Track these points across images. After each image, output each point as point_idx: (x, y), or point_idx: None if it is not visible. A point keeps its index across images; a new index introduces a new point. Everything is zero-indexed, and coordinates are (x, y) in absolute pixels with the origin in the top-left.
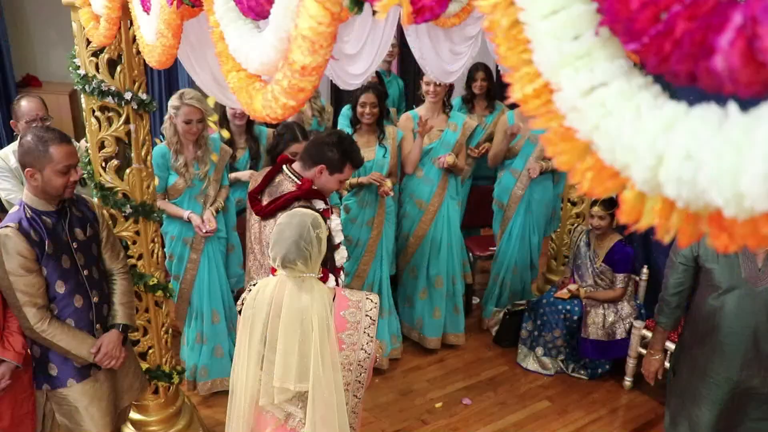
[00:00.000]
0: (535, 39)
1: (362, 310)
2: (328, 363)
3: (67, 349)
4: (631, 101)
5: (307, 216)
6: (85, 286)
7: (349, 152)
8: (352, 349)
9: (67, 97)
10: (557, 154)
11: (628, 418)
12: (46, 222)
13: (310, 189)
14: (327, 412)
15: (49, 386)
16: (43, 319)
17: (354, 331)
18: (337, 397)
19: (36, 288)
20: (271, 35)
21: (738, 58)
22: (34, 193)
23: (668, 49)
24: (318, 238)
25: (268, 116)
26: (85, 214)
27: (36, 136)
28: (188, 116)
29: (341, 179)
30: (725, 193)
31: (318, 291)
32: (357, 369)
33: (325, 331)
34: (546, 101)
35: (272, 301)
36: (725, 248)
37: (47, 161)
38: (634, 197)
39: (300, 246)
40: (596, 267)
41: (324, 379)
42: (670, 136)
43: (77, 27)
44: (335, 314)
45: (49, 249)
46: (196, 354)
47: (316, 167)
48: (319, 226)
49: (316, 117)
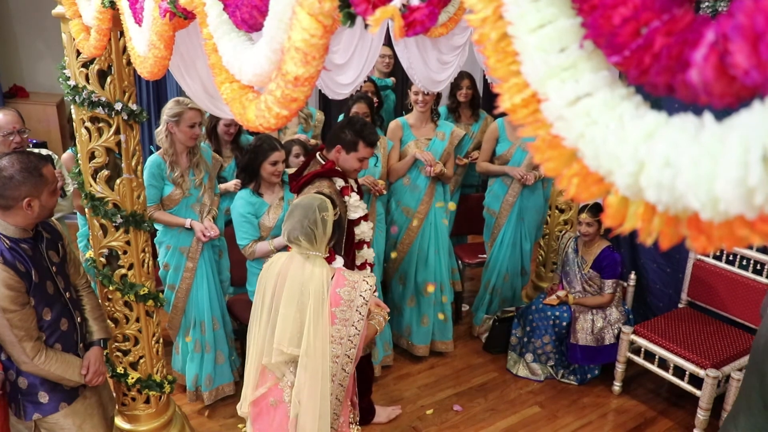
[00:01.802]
0: (523, 51)
1: (357, 290)
2: (319, 333)
3: (61, 376)
4: (615, 111)
5: (315, 199)
6: (69, 309)
7: (360, 131)
8: (343, 325)
9: (54, 107)
10: (545, 161)
11: (618, 423)
12: (25, 250)
13: (332, 168)
14: (313, 378)
15: (40, 414)
16: (40, 352)
17: (347, 308)
18: (323, 366)
19: (30, 321)
20: (265, 47)
21: (711, 72)
22: (14, 222)
23: (648, 62)
24: (323, 220)
25: (261, 125)
26: (53, 235)
27: (25, 166)
28: (193, 120)
29: (359, 158)
30: (701, 198)
31: (318, 267)
32: (347, 344)
33: (319, 305)
34: (534, 111)
35: (280, 272)
36: (703, 249)
37: (44, 185)
38: (618, 202)
39: (304, 225)
40: (584, 273)
41: (314, 347)
42: (650, 144)
43: (67, 38)
44: (331, 291)
45: (35, 278)
46: (196, 364)
47: (334, 149)
48: (326, 210)
49: (302, 124)
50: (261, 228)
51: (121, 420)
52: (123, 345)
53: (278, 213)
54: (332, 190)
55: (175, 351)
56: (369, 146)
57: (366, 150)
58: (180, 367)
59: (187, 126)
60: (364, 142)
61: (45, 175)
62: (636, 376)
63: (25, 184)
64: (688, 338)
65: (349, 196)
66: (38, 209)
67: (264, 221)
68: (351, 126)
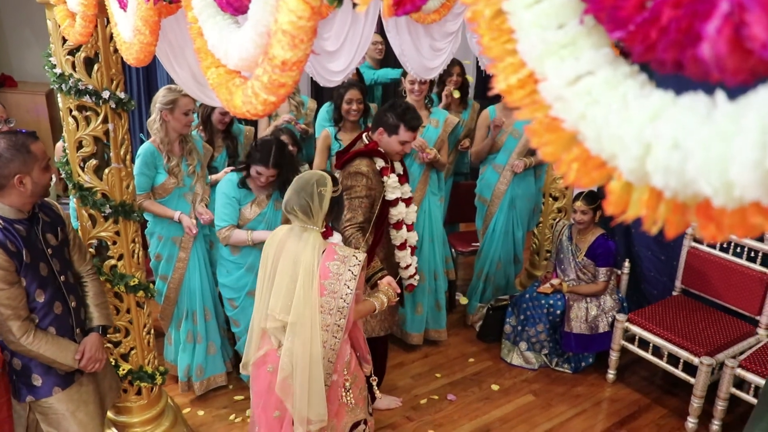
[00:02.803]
0: (519, 28)
1: (346, 264)
2: (308, 302)
3: (52, 358)
4: (618, 90)
5: (315, 174)
6: (63, 292)
7: (401, 115)
8: (332, 296)
9: (44, 97)
10: (543, 145)
11: (612, 411)
12: (19, 230)
13: (373, 149)
14: (303, 344)
15: (33, 397)
16: (28, 332)
17: (335, 281)
18: (312, 332)
19: (18, 300)
20: (251, 30)
21: (725, 46)
22: (9, 202)
23: (654, 37)
24: (320, 195)
25: (248, 112)
26: (53, 218)
27: (11, 142)
28: (188, 106)
29: (400, 141)
30: (714, 183)
31: (312, 241)
32: (336, 314)
33: (309, 276)
34: (531, 91)
35: (279, 242)
36: (713, 238)
37: (33, 161)
38: (621, 187)
39: (300, 196)
40: (578, 261)
41: (302, 316)
42: (657, 125)
43: (52, 25)
44: (321, 263)
45: (26, 258)
46: (188, 354)
47: (377, 131)
48: (324, 185)
49: (293, 111)
50: (240, 217)
51: (113, 412)
52: (114, 336)
53: (261, 208)
54: (370, 169)
55: (168, 342)
56: (410, 130)
57: (407, 134)
58: (172, 358)
59: (182, 113)
60: (405, 126)
61: (34, 152)
62: (630, 364)
63: (13, 161)
64: (682, 326)
65: (388, 177)
66: (31, 186)
67: (245, 212)
68: (393, 110)
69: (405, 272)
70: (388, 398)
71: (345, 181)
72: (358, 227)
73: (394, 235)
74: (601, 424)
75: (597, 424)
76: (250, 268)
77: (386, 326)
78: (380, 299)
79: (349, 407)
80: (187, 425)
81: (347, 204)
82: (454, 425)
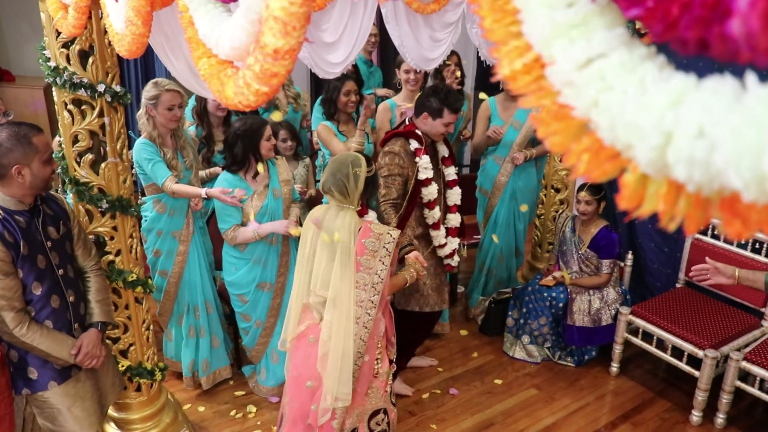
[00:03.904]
0: (525, 8)
1: (381, 242)
2: (345, 279)
3: (47, 352)
4: (634, 73)
5: (350, 156)
6: (61, 286)
7: (444, 99)
8: (367, 273)
9: (41, 91)
10: (550, 135)
11: (616, 404)
12: (19, 222)
13: (410, 131)
14: (339, 319)
15: (29, 390)
16: (22, 323)
17: (371, 258)
18: (348, 307)
19: (13, 291)
20: (242, 17)
21: (758, 21)
22: (10, 192)
23: (676, 14)
24: (355, 175)
25: (240, 103)
26: (57, 211)
27: (13, 132)
28: (171, 102)
29: (444, 123)
30: (745, 175)
31: (348, 219)
32: (371, 290)
33: (346, 253)
34: (537, 77)
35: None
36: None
37: (34, 153)
38: (637, 180)
39: (336, 177)
40: (581, 253)
41: (340, 291)
42: (679, 112)
43: (46, 17)
44: (358, 241)
45: (24, 250)
46: (192, 349)
47: (421, 116)
48: (359, 166)
49: (291, 104)
50: (243, 215)
51: (113, 408)
52: (112, 333)
53: (262, 200)
54: (403, 149)
55: (167, 338)
56: (453, 112)
57: (450, 116)
58: (173, 354)
59: (165, 109)
60: (448, 109)
61: (35, 144)
62: (633, 357)
63: (13, 152)
64: (686, 318)
65: (420, 158)
66: (30, 178)
67: (247, 208)
68: (436, 94)
69: (441, 251)
70: (402, 384)
71: (380, 159)
72: (391, 203)
73: (427, 214)
74: (605, 417)
75: (601, 418)
76: (257, 261)
77: (430, 302)
78: (410, 273)
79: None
80: (187, 421)
81: (382, 181)
82: (456, 420)
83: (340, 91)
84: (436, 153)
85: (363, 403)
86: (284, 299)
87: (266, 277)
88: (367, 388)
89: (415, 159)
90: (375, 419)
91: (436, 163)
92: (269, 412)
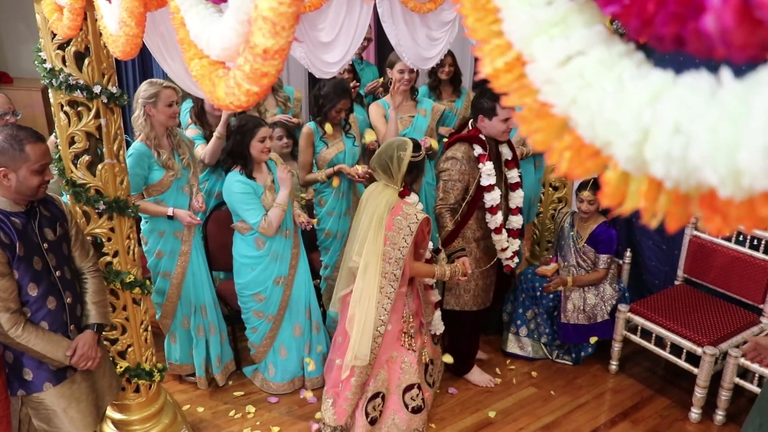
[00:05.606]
0: (506, 7)
1: (407, 220)
2: (374, 249)
3: (42, 353)
4: (612, 71)
5: (397, 140)
6: (57, 287)
7: (494, 96)
8: (392, 247)
9: (39, 92)
10: (532, 133)
11: (615, 402)
12: (15, 223)
13: (473, 135)
14: (368, 285)
15: (24, 391)
16: (17, 324)
17: (396, 234)
18: (374, 276)
19: (9, 292)
20: (232, 18)
21: (732, 17)
22: (2, 194)
23: (651, 10)
24: (399, 158)
25: (231, 104)
26: (54, 213)
27: (10, 136)
28: (171, 98)
29: (501, 119)
30: (721, 171)
31: (386, 196)
32: (394, 264)
33: (378, 226)
34: (518, 75)
35: (366, 196)
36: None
37: (23, 161)
38: (618, 178)
39: (382, 158)
40: (579, 248)
41: (370, 260)
42: (656, 108)
43: (41, 19)
44: (388, 217)
45: (20, 251)
46: (202, 348)
47: (478, 119)
48: (404, 149)
49: (281, 108)
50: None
51: (112, 409)
52: (110, 334)
53: (273, 194)
54: (466, 156)
55: (172, 341)
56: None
57: (505, 111)
58: (177, 357)
59: (165, 105)
60: (500, 104)
61: (27, 152)
62: (632, 354)
63: (2, 154)
64: (685, 316)
65: (484, 164)
66: (15, 183)
67: (264, 203)
68: (485, 94)
69: (502, 254)
70: (484, 375)
71: (442, 164)
72: (448, 208)
73: (489, 219)
74: (604, 415)
75: (600, 416)
76: (274, 257)
77: (479, 302)
78: (443, 268)
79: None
80: (186, 422)
81: (441, 185)
82: (455, 419)
83: (334, 107)
84: (499, 156)
85: (386, 368)
86: (293, 291)
87: (281, 271)
88: (387, 357)
89: (478, 165)
90: (410, 393)
91: (499, 166)
92: (268, 412)
